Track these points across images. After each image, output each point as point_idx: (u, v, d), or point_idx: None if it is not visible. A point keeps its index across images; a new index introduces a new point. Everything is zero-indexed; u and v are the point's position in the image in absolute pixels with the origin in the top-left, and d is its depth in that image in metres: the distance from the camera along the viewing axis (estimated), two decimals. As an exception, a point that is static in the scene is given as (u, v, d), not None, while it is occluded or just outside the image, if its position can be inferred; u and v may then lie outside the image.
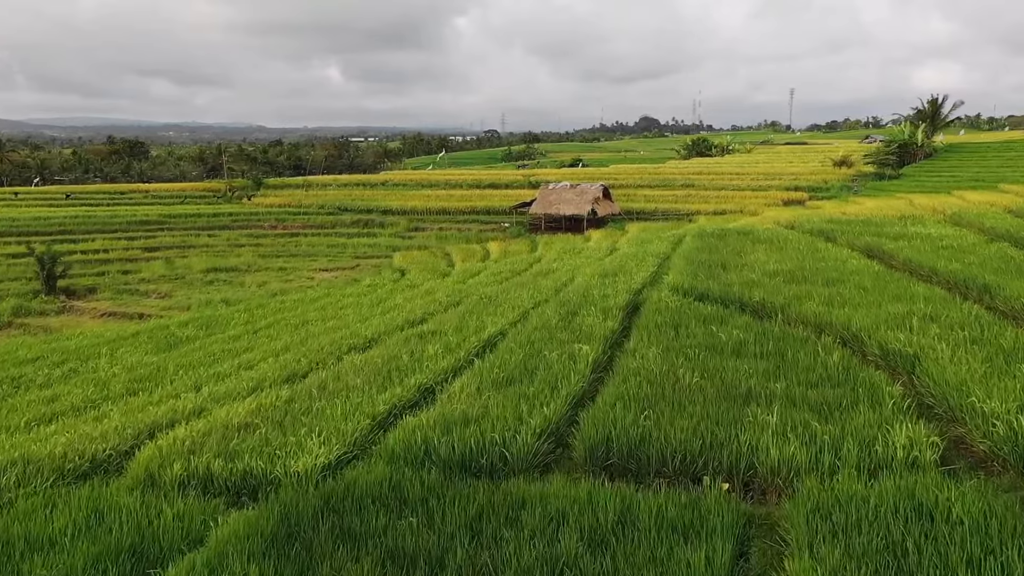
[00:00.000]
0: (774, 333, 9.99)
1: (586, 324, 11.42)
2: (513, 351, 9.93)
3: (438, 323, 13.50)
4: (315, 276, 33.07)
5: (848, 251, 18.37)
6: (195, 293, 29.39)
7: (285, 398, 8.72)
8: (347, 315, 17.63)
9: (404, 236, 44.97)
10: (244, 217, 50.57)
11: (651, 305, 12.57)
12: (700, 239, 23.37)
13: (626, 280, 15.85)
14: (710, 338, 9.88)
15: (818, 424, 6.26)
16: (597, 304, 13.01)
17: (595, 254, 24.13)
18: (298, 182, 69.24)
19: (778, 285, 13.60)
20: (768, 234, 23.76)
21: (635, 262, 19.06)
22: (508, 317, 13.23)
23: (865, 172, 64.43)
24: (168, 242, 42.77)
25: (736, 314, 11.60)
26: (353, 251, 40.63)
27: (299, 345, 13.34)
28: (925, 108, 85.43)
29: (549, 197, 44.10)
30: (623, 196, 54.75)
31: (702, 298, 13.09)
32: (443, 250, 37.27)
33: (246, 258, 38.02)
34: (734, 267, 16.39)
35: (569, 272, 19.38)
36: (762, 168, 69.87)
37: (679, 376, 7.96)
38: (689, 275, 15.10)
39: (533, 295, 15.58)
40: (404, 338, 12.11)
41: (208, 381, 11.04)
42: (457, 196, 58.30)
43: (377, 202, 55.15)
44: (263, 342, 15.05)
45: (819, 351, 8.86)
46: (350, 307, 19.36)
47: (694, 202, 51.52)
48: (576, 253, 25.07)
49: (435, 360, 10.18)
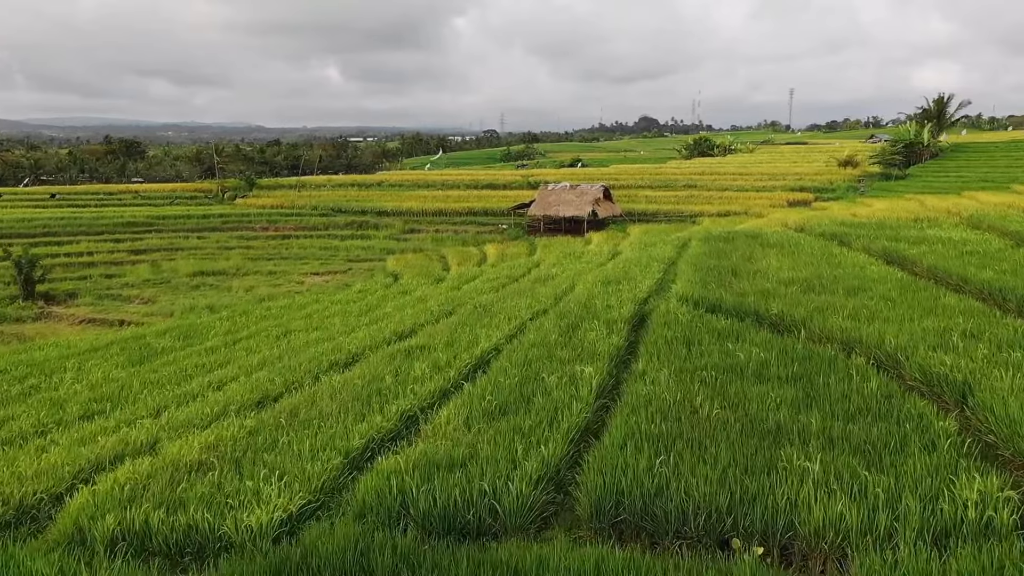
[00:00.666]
0: (798, 352, 9.06)
1: (588, 340, 10.49)
2: (508, 372, 8.99)
3: (428, 336, 12.57)
4: (305, 280, 32.10)
5: (865, 256, 17.45)
6: (180, 298, 28.43)
7: (249, 428, 7.78)
8: (333, 324, 16.69)
9: (399, 238, 44.00)
10: (235, 218, 49.58)
11: (659, 317, 11.64)
12: (707, 243, 22.45)
13: (631, 288, 14.93)
14: (727, 358, 8.95)
15: (867, 473, 5.32)
16: (600, 316, 12.09)
17: (596, 258, 23.21)
18: (291, 182, 68.28)
19: (795, 295, 12.68)
20: (778, 238, 22.84)
21: (639, 268, 18.15)
22: (503, 330, 12.30)
23: (871, 172, 63.57)
24: (155, 244, 41.79)
25: (753, 329, 10.67)
26: (346, 254, 39.66)
27: (277, 360, 12.41)
28: (931, 107, 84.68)
29: (548, 198, 43.15)
30: (624, 197, 53.83)
31: (714, 309, 12.16)
32: (439, 253, 36.32)
33: (235, 261, 37.04)
34: (746, 274, 15.47)
35: (569, 278, 18.45)
36: (765, 168, 69.01)
37: (697, 406, 7.03)
38: (698, 283, 14.17)
39: (531, 304, 14.65)
40: (390, 354, 11.18)
41: (172, 403, 10.10)
42: (454, 197, 57.36)
43: (372, 203, 54.20)
44: (240, 355, 14.11)
45: (852, 374, 7.93)
46: (337, 315, 18.42)
47: (697, 203, 50.60)
48: (576, 257, 24.14)
49: (421, 382, 9.24)
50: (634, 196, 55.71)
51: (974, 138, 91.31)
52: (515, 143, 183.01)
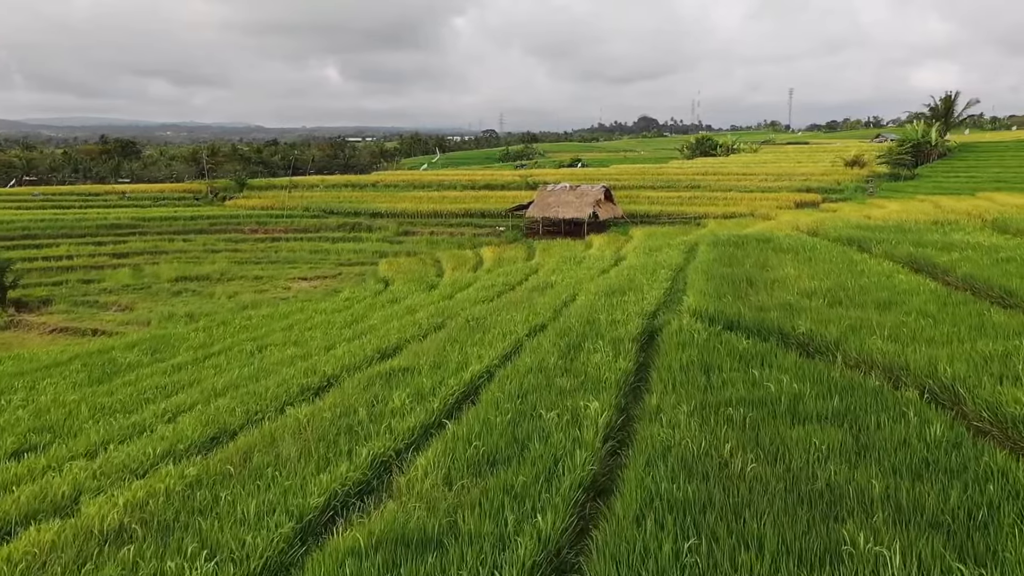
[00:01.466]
0: (836, 382, 7.88)
1: (592, 363, 9.32)
2: (499, 406, 7.81)
3: (413, 355, 11.40)
4: (292, 286, 30.88)
5: (889, 264, 16.27)
6: (159, 305, 27.22)
7: (191, 479, 6.59)
8: (314, 338, 15.51)
9: (393, 241, 42.80)
10: (223, 220, 48.35)
11: (671, 336, 10.45)
12: (716, 248, 21.28)
13: (637, 300, 13.75)
14: (755, 389, 7.77)
15: (961, 567, 4.14)
16: (605, 334, 10.92)
17: (598, 264, 22.04)
18: (284, 183, 67.04)
19: (821, 309, 11.50)
20: (791, 242, 21.68)
21: (645, 276, 16.98)
22: (497, 349, 11.13)
23: (879, 173, 62.45)
24: (139, 247, 40.56)
25: (779, 350, 9.49)
26: (336, 257, 38.45)
27: (244, 383, 11.23)
28: (938, 106, 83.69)
29: (547, 199, 41.94)
30: (625, 198, 52.67)
31: (732, 326, 10.98)
32: (433, 257, 35.13)
33: (220, 265, 35.81)
34: (763, 284, 14.30)
35: (570, 287, 17.28)
36: (770, 168, 67.92)
37: (726, 457, 5.85)
38: (712, 295, 12.99)
39: (528, 318, 13.47)
40: (368, 378, 10.00)
41: (116, 438, 8.91)
42: (450, 198, 56.18)
43: (366, 204, 52.99)
44: (207, 375, 12.93)
45: (906, 413, 6.75)
46: (319, 327, 17.23)
47: (701, 204, 49.47)
48: (577, 263, 22.96)
49: (401, 416, 8.08)
50: (636, 197, 54.55)
51: (977, 138, 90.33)
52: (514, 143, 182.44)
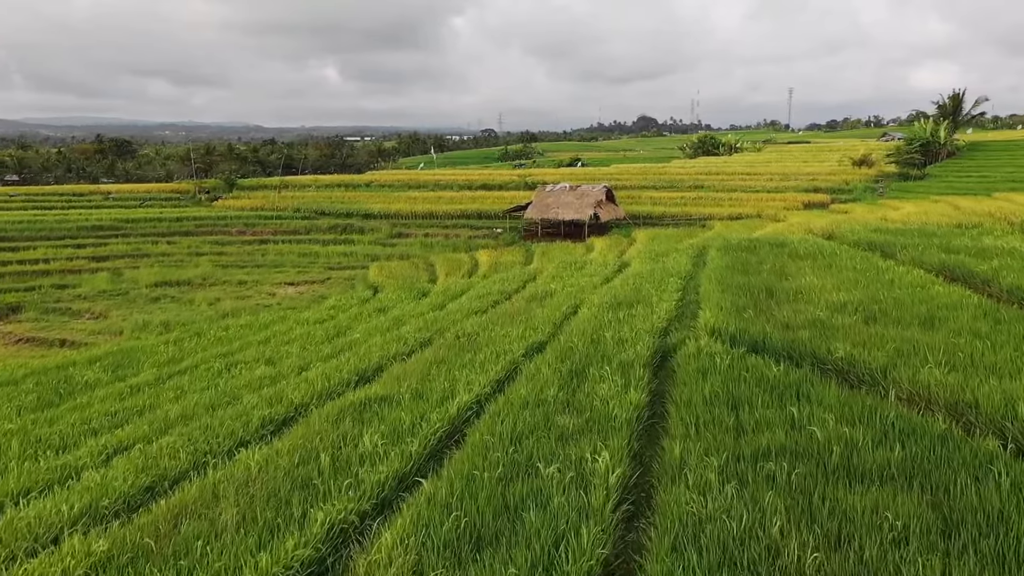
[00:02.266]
0: (892, 423, 6.61)
1: (599, 395, 8.06)
2: (488, 455, 6.53)
3: (394, 380, 10.13)
4: (277, 292, 29.56)
5: (921, 272, 14.99)
6: (135, 313, 25.90)
7: (97, 558, 5.30)
8: (289, 354, 14.23)
9: (385, 243, 41.49)
10: (210, 222, 47.01)
11: (688, 359, 9.19)
12: (727, 253, 20.02)
13: (646, 314, 12.48)
14: (795, 433, 6.50)
15: None
16: (612, 357, 9.66)
17: (601, 270, 20.77)
18: (275, 183, 65.68)
19: (857, 328, 10.23)
20: (808, 247, 20.42)
21: (653, 285, 15.71)
22: (490, 373, 9.86)
23: (887, 172, 61.23)
24: (120, 250, 39.20)
25: (815, 378, 8.22)
26: (326, 261, 37.13)
27: (201, 414, 9.96)
28: (946, 104, 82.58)
29: (546, 200, 40.62)
30: (627, 198, 51.40)
31: (758, 348, 9.71)
32: (426, 260, 33.83)
33: (204, 269, 34.48)
34: (785, 296, 13.03)
35: (571, 297, 16.01)
36: (775, 168, 66.70)
37: (776, 541, 4.57)
38: (730, 309, 11.72)
39: (525, 334, 12.20)
40: (340, 410, 8.73)
41: (38, 486, 7.63)
42: (446, 198, 54.88)
43: (359, 205, 51.67)
44: (165, 399, 11.65)
45: (991, 469, 5.48)
46: (297, 341, 15.95)
47: (706, 205, 48.21)
48: (578, 269, 21.69)
49: (370, 463, 6.81)
50: (637, 197, 53.28)
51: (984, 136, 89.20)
52: (513, 143, 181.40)
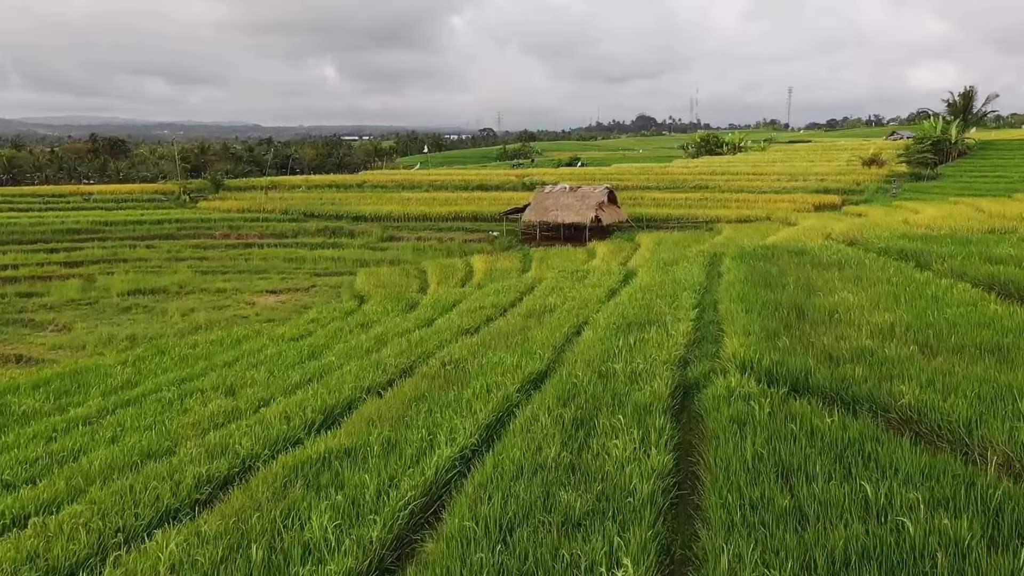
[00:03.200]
0: (1000, 507, 5.08)
1: (612, 456, 6.54)
2: (468, 559, 4.97)
3: (364, 424, 8.60)
4: (257, 301, 27.96)
5: (967, 287, 13.44)
6: (102, 325, 24.30)
7: None
8: (253, 381, 12.67)
9: (375, 247, 39.91)
10: (193, 224, 45.41)
11: (717, 403, 7.65)
12: (744, 262, 18.49)
13: (661, 338, 10.94)
14: (877, 524, 4.96)
15: None
16: (624, 397, 8.14)
17: (604, 280, 19.22)
18: (264, 183, 64.08)
19: (915, 361, 8.70)
20: (831, 255, 18.91)
21: (665, 301, 14.17)
22: (478, 417, 8.32)
23: (898, 172, 59.78)
24: (95, 255, 37.57)
25: (881, 433, 6.69)
26: (312, 266, 35.54)
27: (127, 468, 8.42)
28: (956, 102, 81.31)
29: (545, 202, 39.03)
30: (629, 200, 49.90)
31: (799, 388, 8.18)
32: (417, 267, 32.26)
33: (181, 276, 32.87)
34: (819, 316, 11.49)
35: (573, 314, 14.46)
36: (781, 168, 65.20)
37: None
38: (760, 335, 10.18)
39: (521, 362, 10.65)
40: (291, 470, 7.19)
41: None
42: (441, 199, 53.32)
43: (349, 207, 50.11)
44: (101, 440, 10.12)
45: None
46: (267, 363, 14.38)
47: (711, 207, 46.68)
48: (580, 279, 20.15)
49: (315, 564, 5.25)
50: (640, 199, 51.77)
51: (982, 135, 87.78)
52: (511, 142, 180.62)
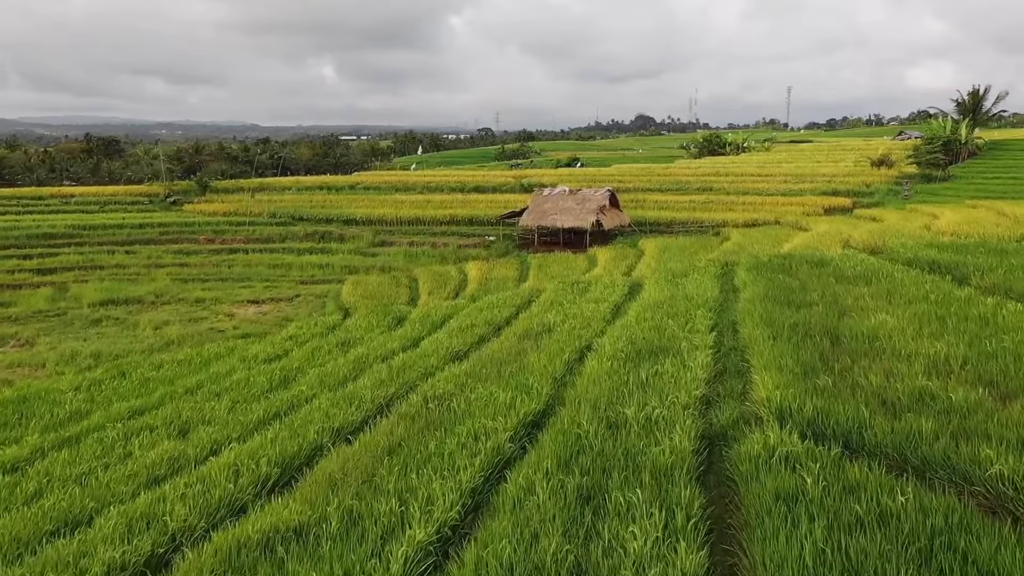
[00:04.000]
0: None
1: (630, 553, 5.16)
2: None
3: (325, 485, 7.21)
4: (237, 312, 26.52)
5: (1020, 307, 12.06)
6: (67, 340, 22.87)
7: None
8: (211, 418, 11.26)
9: (366, 253, 38.47)
10: (176, 228, 43.94)
11: (756, 468, 6.28)
12: (760, 275, 17.10)
13: (677, 371, 9.53)
14: None
15: None
16: (641, 458, 6.76)
17: (608, 293, 17.82)
18: (254, 184, 62.61)
19: (986, 406, 7.35)
20: (855, 267, 17.53)
21: (678, 322, 12.76)
22: (462, 480, 6.92)
23: (908, 173, 58.43)
24: (71, 262, 36.12)
25: (967, 514, 5.31)
26: (299, 273, 34.11)
27: (26, 554, 7.01)
28: (965, 101, 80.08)
29: (544, 205, 37.61)
30: (631, 202, 48.54)
31: (853, 445, 6.81)
32: (408, 274, 30.86)
33: (159, 284, 31.43)
34: (858, 345, 10.10)
35: (574, 335, 13.06)
36: (787, 169, 63.76)
37: None
38: (793, 370, 8.80)
39: (515, 400, 9.25)
40: (224, 557, 5.78)
41: None
42: (435, 202, 51.90)
43: (340, 210, 48.65)
44: (17, 500, 8.71)
45: None
46: (232, 392, 12.97)
47: (717, 210, 45.30)
48: (581, 291, 18.74)
49: None
50: (642, 201, 50.41)
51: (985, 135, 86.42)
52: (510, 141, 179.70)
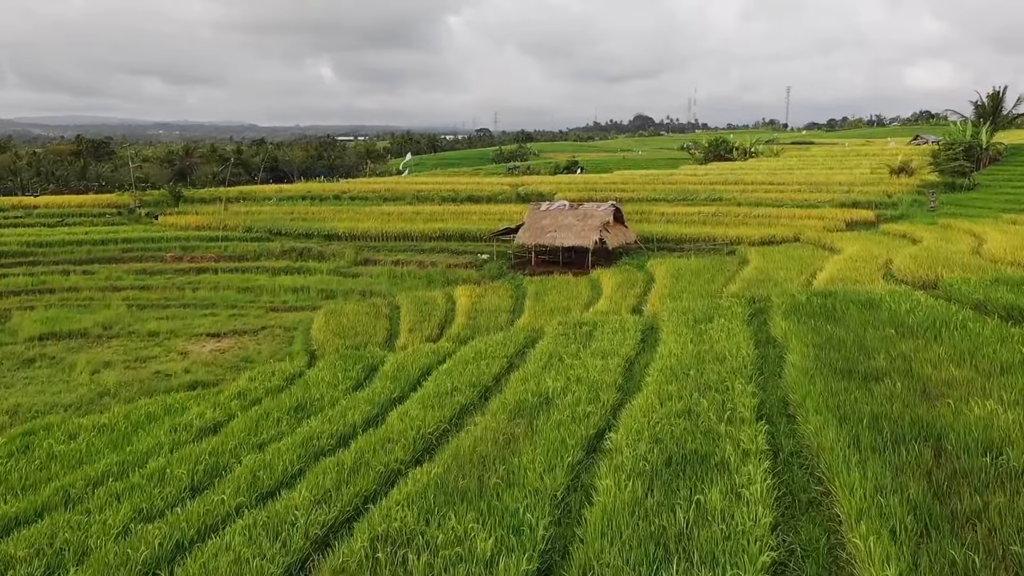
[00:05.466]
0: None
1: None
2: None
3: None
4: (191, 350, 23.73)
5: None
6: (-11, 386, 20.10)
7: None
8: (91, 548, 8.54)
9: (346, 273, 35.74)
10: (142, 244, 41.15)
11: None
12: (801, 323, 14.44)
13: (729, 512, 6.88)
14: None
15: None
16: None
17: (618, 343, 15.16)
18: (233, 193, 59.79)
19: None
20: (914, 311, 14.90)
21: (712, 401, 10.11)
22: None
23: (930, 181, 55.82)
24: (19, 284, 33.32)
25: None
26: (270, 299, 31.35)
27: None
28: (984, 103, 77.86)
29: (542, 221, 34.89)
30: (635, 214, 45.87)
31: None
32: (390, 303, 28.15)
33: (112, 312, 28.63)
34: (974, 463, 7.45)
35: (581, 417, 10.41)
36: (799, 176, 61.09)
37: None
38: (906, 526, 6.13)
39: (498, 553, 6.57)
40: None
41: None
42: (425, 214, 49.22)
43: (321, 223, 45.94)
44: None
45: None
46: (133, 496, 10.26)
47: (730, 225, 42.61)
48: (585, 337, 16.06)
49: None
50: (647, 213, 47.72)
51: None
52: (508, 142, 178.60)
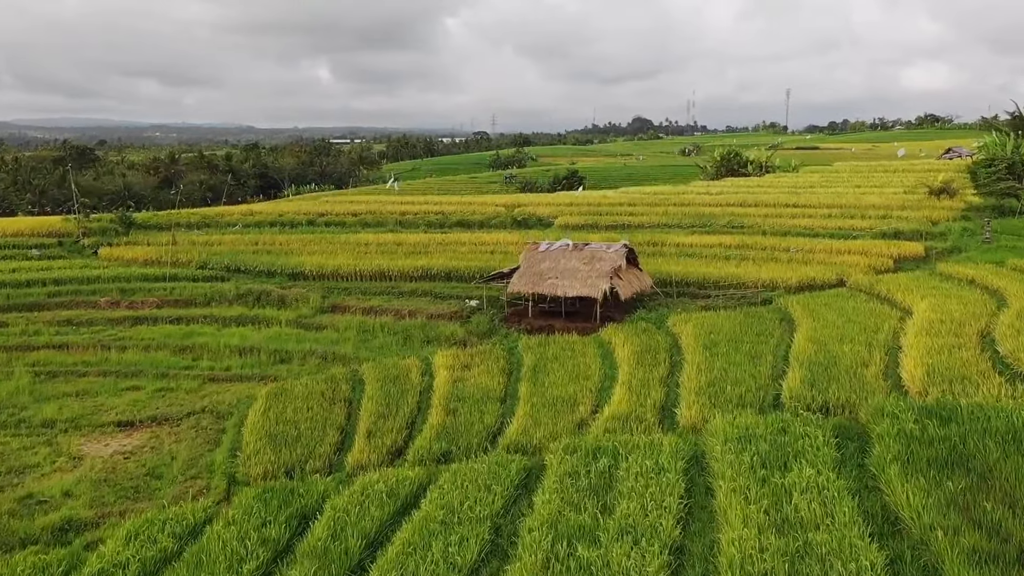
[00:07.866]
0: None
1: None
2: None
3: None
4: (87, 452, 19.20)
5: None
6: None
7: None
8: None
9: (308, 326, 31.25)
10: (74, 287, 36.59)
11: None
12: (927, 477, 10.14)
13: None
14: None
15: None
16: None
17: (655, 503, 10.84)
18: (193, 220, 55.21)
19: None
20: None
21: None
22: None
23: (976, 204, 51.64)
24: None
25: None
26: (210, 363, 26.86)
27: None
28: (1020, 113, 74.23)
29: (540, 265, 30.40)
30: (647, 245, 41.55)
31: None
32: (354, 374, 23.73)
33: (13, 384, 24.16)
34: None
35: None
36: (825, 197, 56.67)
37: None
38: None
39: None
40: None
41: None
42: (408, 245, 44.84)
43: (287, 258, 41.45)
44: None
45: None
46: None
47: (757, 260, 38.20)
48: (606, 484, 11.66)
49: None
50: (660, 244, 43.41)
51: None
52: (506, 145, 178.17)
